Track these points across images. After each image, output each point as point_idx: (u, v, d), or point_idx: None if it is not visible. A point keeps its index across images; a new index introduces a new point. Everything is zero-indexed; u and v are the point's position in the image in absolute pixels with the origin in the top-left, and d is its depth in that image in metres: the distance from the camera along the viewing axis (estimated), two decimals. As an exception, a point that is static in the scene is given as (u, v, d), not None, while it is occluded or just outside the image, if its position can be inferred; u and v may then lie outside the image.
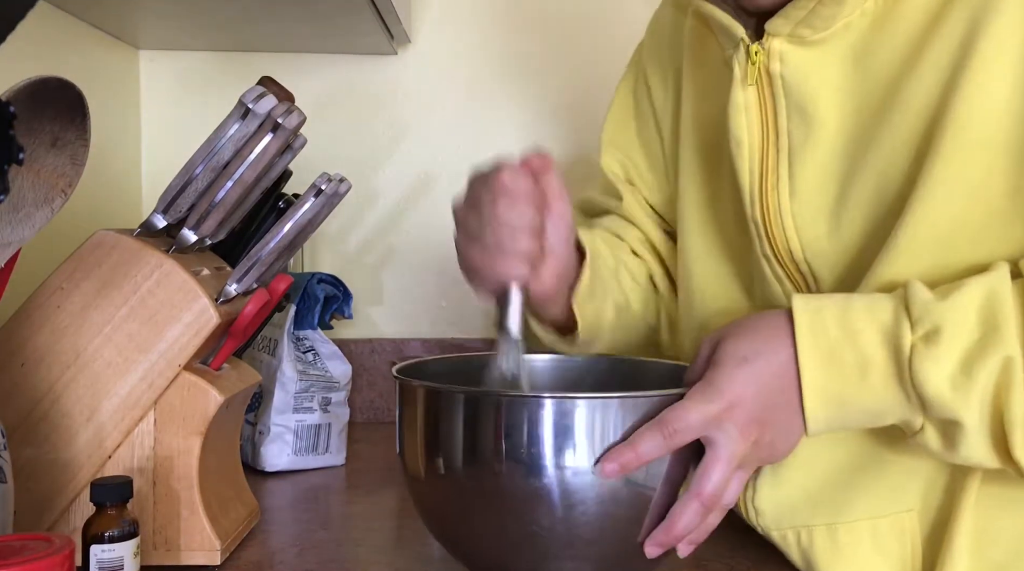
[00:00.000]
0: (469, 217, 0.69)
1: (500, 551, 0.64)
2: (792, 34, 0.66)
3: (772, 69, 0.67)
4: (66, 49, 1.07)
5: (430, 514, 0.68)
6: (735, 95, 0.69)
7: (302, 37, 1.20)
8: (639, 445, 0.59)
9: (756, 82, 0.68)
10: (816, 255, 0.69)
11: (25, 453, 0.70)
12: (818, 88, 0.67)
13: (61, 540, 0.53)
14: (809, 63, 0.66)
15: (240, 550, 0.77)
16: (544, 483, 0.60)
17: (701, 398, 0.60)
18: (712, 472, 0.60)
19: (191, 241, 0.73)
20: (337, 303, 1.10)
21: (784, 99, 0.68)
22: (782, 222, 0.69)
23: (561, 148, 1.29)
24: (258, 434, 1.03)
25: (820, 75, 0.66)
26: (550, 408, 0.60)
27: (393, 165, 1.29)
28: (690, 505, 0.61)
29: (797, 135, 0.68)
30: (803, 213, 0.68)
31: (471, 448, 0.62)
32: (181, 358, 0.71)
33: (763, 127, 0.69)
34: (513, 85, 1.29)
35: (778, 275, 0.71)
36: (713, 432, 0.60)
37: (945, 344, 0.58)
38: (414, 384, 0.66)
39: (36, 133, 0.58)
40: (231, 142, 0.70)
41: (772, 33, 0.67)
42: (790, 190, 0.68)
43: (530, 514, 0.61)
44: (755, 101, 0.69)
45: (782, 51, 0.67)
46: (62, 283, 0.71)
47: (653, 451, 0.59)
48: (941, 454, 0.61)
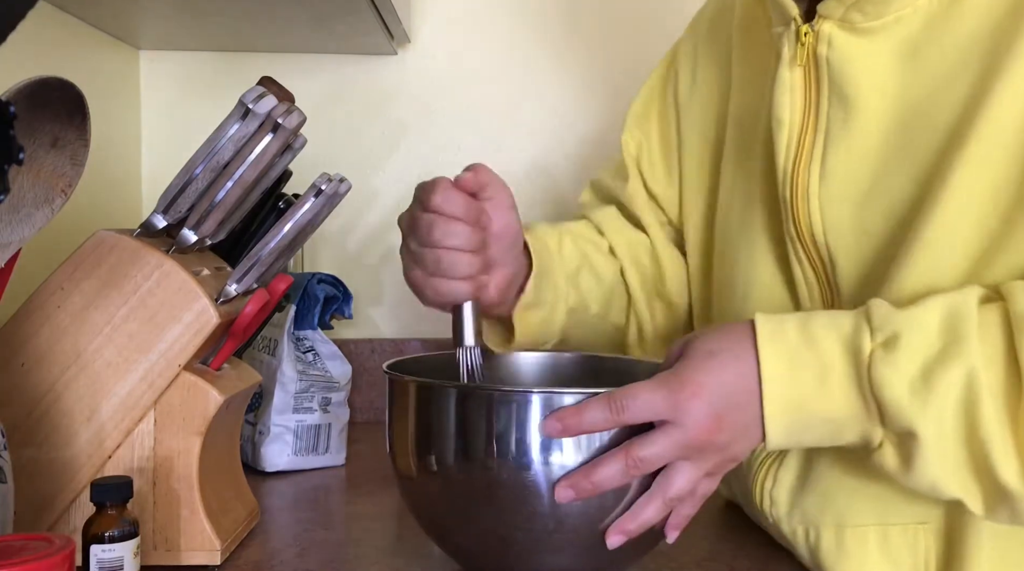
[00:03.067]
0: (410, 239, 0.72)
1: (491, 546, 0.65)
2: (843, 18, 0.67)
3: (819, 51, 0.68)
4: (66, 49, 1.07)
5: (421, 510, 0.69)
6: (782, 74, 0.70)
7: (302, 37, 1.20)
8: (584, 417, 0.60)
9: (803, 64, 0.69)
10: (837, 239, 0.69)
11: (25, 453, 0.70)
12: (861, 76, 0.67)
13: (61, 540, 0.53)
14: (856, 50, 0.67)
15: (240, 550, 0.77)
16: (533, 477, 0.61)
17: (664, 385, 0.60)
18: (678, 476, 0.61)
19: (191, 241, 0.73)
20: (337, 303, 1.10)
21: (827, 82, 0.68)
22: (808, 203, 0.70)
23: (561, 148, 1.29)
24: (258, 434, 1.03)
25: (865, 63, 0.67)
26: (538, 403, 0.61)
27: (393, 165, 1.29)
28: (654, 501, 0.61)
29: (835, 119, 0.68)
30: (829, 196, 0.69)
31: (462, 443, 0.63)
32: (181, 358, 0.71)
33: (805, 108, 0.70)
34: (513, 85, 1.29)
35: (799, 257, 0.72)
36: (673, 414, 0.60)
37: (904, 350, 0.57)
38: (405, 380, 0.67)
39: (36, 133, 0.58)
40: (231, 142, 0.70)
41: (823, 15, 0.67)
42: (821, 172, 0.69)
43: (520, 508, 0.61)
44: (800, 82, 0.70)
45: (831, 34, 0.67)
46: (62, 283, 0.71)
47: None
48: (898, 475, 0.60)
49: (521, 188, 0.83)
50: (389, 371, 0.69)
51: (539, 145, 1.29)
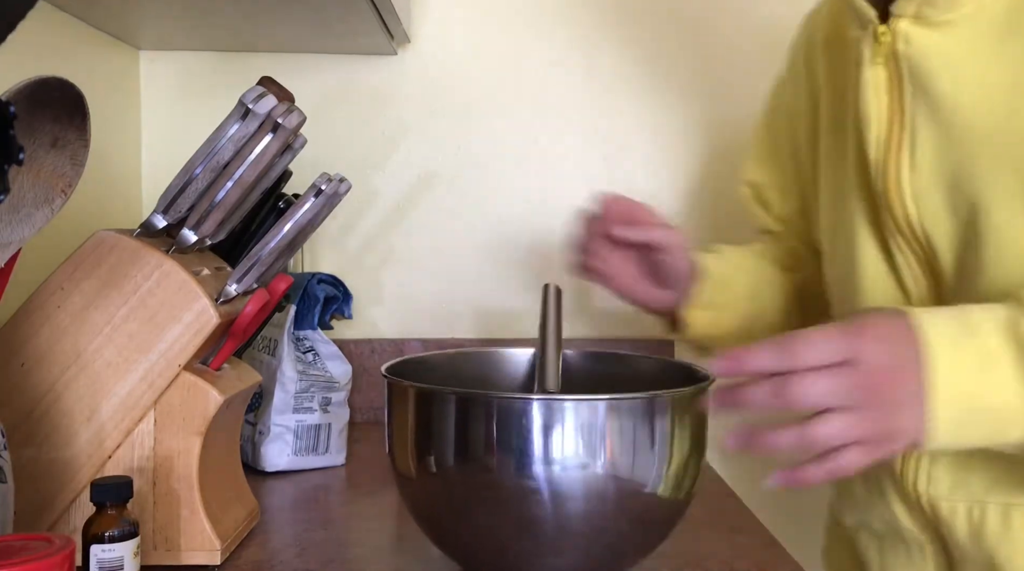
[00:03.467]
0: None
1: (492, 547, 0.65)
2: (917, 14, 0.68)
3: (898, 49, 0.69)
4: (66, 49, 1.07)
5: (421, 512, 0.69)
6: (864, 73, 0.72)
7: (302, 37, 1.20)
8: (749, 354, 0.58)
9: (886, 62, 0.71)
10: (934, 226, 0.71)
11: (25, 453, 0.70)
12: (942, 69, 0.68)
13: (61, 540, 0.53)
14: (934, 43, 0.68)
15: (240, 550, 0.77)
16: (534, 481, 0.61)
17: (828, 332, 0.59)
18: (827, 425, 0.57)
19: (191, 241, 0.73)
20: (337, 303, 1.10)
21: (909, 78, 0.70)
22: (902, 194, 0.71)
23: (561, 148, 1.29)
24: (258, 434, 1.03)
25: (945, 56, 0.68)
26: (538, 409, 0.61)
27: (393, 165, 1.29)
28: (792, 430, 0.58)
29: (921, 113, 0.70)
30: (920, 185, 0.70)
31: (462, 448, 0.63)
32: (181, 358, 0.71)
33: (891, 105, 0.72)
34: (513, 85, 1.29)
35: (900, 247, 0.73)
36: (851, 352, 0.58)
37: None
38: (404, 384, 0.66)
39: (36, 133, 0.58)
40: (231, 142, 0.70)
41: (897, 14, 0.69)
42: (911, 163, 0.71)
43: (520, 511, 0.61)
44: (884, 80, 0.72)
45: (907, 32, 0.69)
46: (62, 283, 0.71)
47: (763, 363, 0.58)
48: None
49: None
50: (387, 375, 0.69)
51: (539, 145, 1.29)
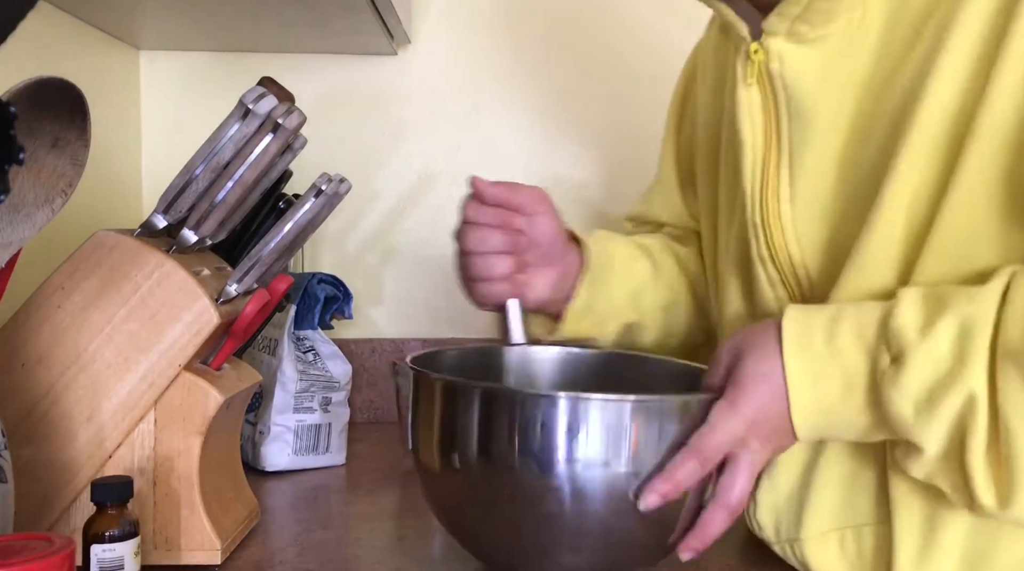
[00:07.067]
0: (458, 247, 0.79)
1: (512, 544, 0.65)
2: (790, 32, 0.65)
3: (772, 68, 0.66)
4: (66, 49, 1.07)
5: (442, 507, 0.69)
6: (739, 95, 0.68)
7: (302, 37, 1.20)
8: (676, 474, 0.60)
9: (759, 82, 0.67)
10: (816, 261, 0.68)
11: (25, 453, 0.70)
12: (817, 88, 0.65)
13: (61, 540, 0.53)
14: (808, 62, 0.65)
15: (240, 550, 0.77)
16: (556, 479, 0.60)
17: (727, 420, 0.60)
18: (739, 483, 0.61)
19: (191, 241, 0.73)
20: (337, 303, 1.10)
21: (784, 99, 0.66)
22: (782, 226, 0.68)
23: (561, 147, 1.29)
24: (258, 434, 1.04)
25: (820, 74, 0.65)
26: (564, 406, 0.61)
27: (393, 165, 1.29)
28: (720, 513, 0.62)
29: (797, 137, 0.66)
30: (803, 218, 0.67)
31: (486, 443, 0.63)
32: (181, 358, 0.71)
33: (766, 128, 0.68)
34: (513, 85, 1.29)
35: (772, 279, 0.70)
36: (739, 449, 0.61)
37: (910, 371, 0.56)
38: (432, 377, 0.66)
39: (36, 133, 0.58)
40: (231, 142, 0.70)
41: (769, 32, 0.65)
42: (790, 194, 0.67)
43: (542, 508, 0.61)
44: (759, 102, 0.68)
45: (781, 50, 0.65)
46: (62, 283, 0.71)
47: (690, 478, 0.60)
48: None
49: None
50: (415, 366, 0.68)
51: (538, 145, 1.29)
